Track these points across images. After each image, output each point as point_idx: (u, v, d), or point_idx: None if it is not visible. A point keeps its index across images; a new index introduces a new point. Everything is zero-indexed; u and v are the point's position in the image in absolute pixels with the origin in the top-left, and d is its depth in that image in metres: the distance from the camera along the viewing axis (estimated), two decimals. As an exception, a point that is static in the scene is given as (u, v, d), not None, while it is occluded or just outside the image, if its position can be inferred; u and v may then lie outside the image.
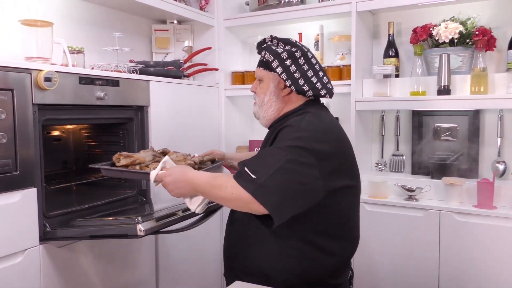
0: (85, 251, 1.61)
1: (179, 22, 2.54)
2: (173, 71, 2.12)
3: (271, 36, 1.41)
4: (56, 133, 1.99)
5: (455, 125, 2.28)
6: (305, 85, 1.31)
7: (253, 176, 1.13)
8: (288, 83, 1.31)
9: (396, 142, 2.46)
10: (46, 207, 1.48)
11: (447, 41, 2.11)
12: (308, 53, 1.35)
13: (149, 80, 1.91)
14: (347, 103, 2.36)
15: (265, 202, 1.13)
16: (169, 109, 2.04)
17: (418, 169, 2.38)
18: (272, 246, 1.26)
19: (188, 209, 1.51)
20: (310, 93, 1.32)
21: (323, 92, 1.34)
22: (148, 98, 1.91)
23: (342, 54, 2.42)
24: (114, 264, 1.73)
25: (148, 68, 2.02)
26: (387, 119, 2.48)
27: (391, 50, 2.33)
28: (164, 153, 1.74)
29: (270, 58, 1.32)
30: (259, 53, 1.38)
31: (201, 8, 2.51)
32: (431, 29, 2.16)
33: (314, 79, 1.33)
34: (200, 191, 1.27)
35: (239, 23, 2.55)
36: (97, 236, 1.43)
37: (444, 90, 2.08)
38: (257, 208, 1.14)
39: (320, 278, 1.27)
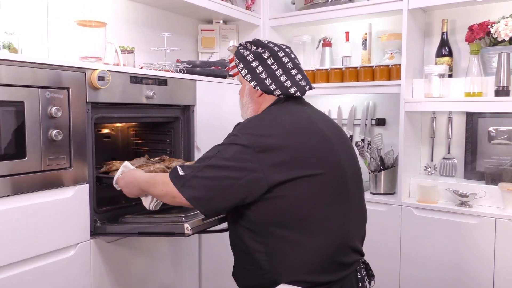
0: (133, 247, 1.64)
1: (225, 22, 2.55)
2: (218, 70, 2.13)
3: (245, 42, 1.42)
4: (105, 130, 2.05)
5: (514, 128, 2.15)
6: (272, 84, 1.33)
7: (181, 173, 1.22)
8: (253, 84, 1.35)
9: (447, 145, 2.36)
10: (97, 203, 1.52)
11: (506, 39, 1.99)
12: (280, 53, 1.35)
13: (196, 80, 1.92)
14: (396, 104, 2.29)
15: (189, 197, 1.20)
16: (214, 108, 2.05)
17: (471, 173, 2.26)
18: (244, 242, 1.28)
19: None
20: (278, 92, 1.33)
21: (292, 90, 1.33)
22: (194, 97, 1.92)
23: (391, 53, 2.34)
24: (159, 260, 1.76)
25: (195, 68, 2.03)
26: (438, 121, 2.38)
27: (444, 48, 2.23)
28: (162, 160, 1.82)
29: (237, 61, 1.38)
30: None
31: (247, 8, 2.51)
32: (489, 26, 2.05)
33: (283, 78, 1.33)
34: (145, 190, 1.39)
35: (285, 22, 2.53)
36: (145, 233, 1.45)
37: (502, 91, 1.97)
38: (182, 201, 1.22)
39: (295, 274, 1.22)
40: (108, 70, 1.47)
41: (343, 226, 1.27)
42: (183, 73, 1.93)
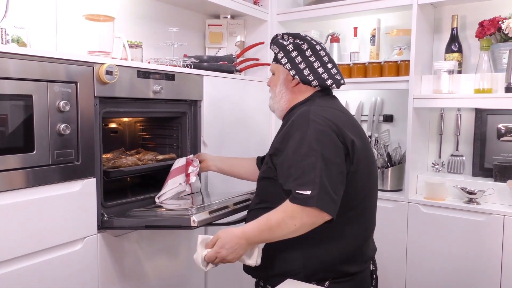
0: (139, 241, 1.65)
1: (233, 17, 2.54)
2: (226, 65, 2.12)
3: (282, 33, 1.44)
4: (113, 125, 2.05)
5: (523, 125, 2.13)
6: (310, 75, 1.36)
7: (307, 193, 1.13)
8: (292, 73, 1.36)
9: (455, 142, 2.34)
10: (104, 197, 1.53)
11: (517, 35, 1.96)
12: (317, 46, 1.38)
13: (203, 75, 1.92)
14: (404, 100, 2.27)
15: (329, 209, 1.14)
16: (221, 104, 2.05)
17: (479, 171, 2.24)
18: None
19: (240, 202, 1.53)
20: (315, 82, 1.36)
21: (329, 82, 1.37)
22: (202, 93, 1.92)
23: (400, 49, 2.32)
24: (165, 254, 1.77)
25: (202, 63, 2.03)
26: (446, 118, 2.36)
27: (454, 44, 2.21)
28: (137, 152, 1.89)
29: (276, 50, 1.40)
30: (270, 47, 1.44)
31: (255, 3, 2.50)
32: (500, 22, 2.02)
33: (320, 70, 1.37)
34: (259, 241, 1.23)
35: (293, 18, 2.52)
36: (151, 227, 1.46)
37: (513, 88, 1.94)
38: (324, 220, 1.15)
39: (327, 265, 1.26)
40: (116, 65, 1.48)
41: (373, 218, 1.37)
42: (191, 68, 1.92)
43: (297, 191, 1.15)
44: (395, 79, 2.23)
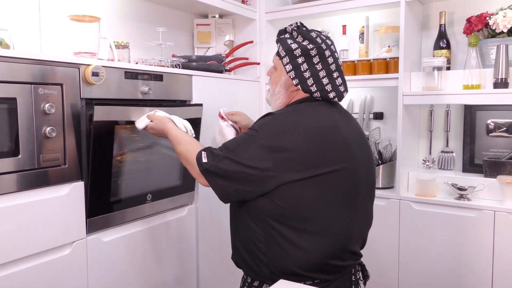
0: (129, 245, 1.63)
1: (221, 16, 2.52)
2: (215, 65, 2.11)
3: (295, 24, 1.34)
4: (101, 127, 2.02)
5: (512, 121, 2.14)
6: (314, 85, 1.29)
7: (204, 160, 1.27)
8: (295, 82, 1.30)
9: (445, 138, 2.35)
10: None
11: (505, 30, 1.97)
12: (326, 51, 1.30)
13: (192, 75, 1.90)
14: (394, 97, 2.28)
15: (210, 181, 1.27)
16: (211, 104, 2.03)
17: (469, 166, 2.26)
18: (244, 227, 1.30)
19: None
20: (317, 94, 1.30)
21: (331, 95, 1.30)
22: (191, 93, 1.90)
23: (389, 46, 2.32)
24: (156, 256, 1.75)
25: (191, 63, 2.01)
26: (436, 114, 2.37)
27: (442, 41, 2.21)
28: None
29: (282, 53, 1.32)
30: (276, 42, 1.36)
31: (243, 2, 2.48)
32: (487, 18, 2.03)
33: (325, 80, 1.30)
34: (172, 144, 1.43)
35: (281, 16, 2.50)
36: None
37: (501, 83, 1.95)
38: (202, 182, 1.30)
39: (291, 269, 1.24)
40: (103, 66, 1.45)
41: (346, 232, 1.27)
42: (179, 68, 1.90)
43: (203, 151, 1.28)
44: (384, 76, 2.23)
